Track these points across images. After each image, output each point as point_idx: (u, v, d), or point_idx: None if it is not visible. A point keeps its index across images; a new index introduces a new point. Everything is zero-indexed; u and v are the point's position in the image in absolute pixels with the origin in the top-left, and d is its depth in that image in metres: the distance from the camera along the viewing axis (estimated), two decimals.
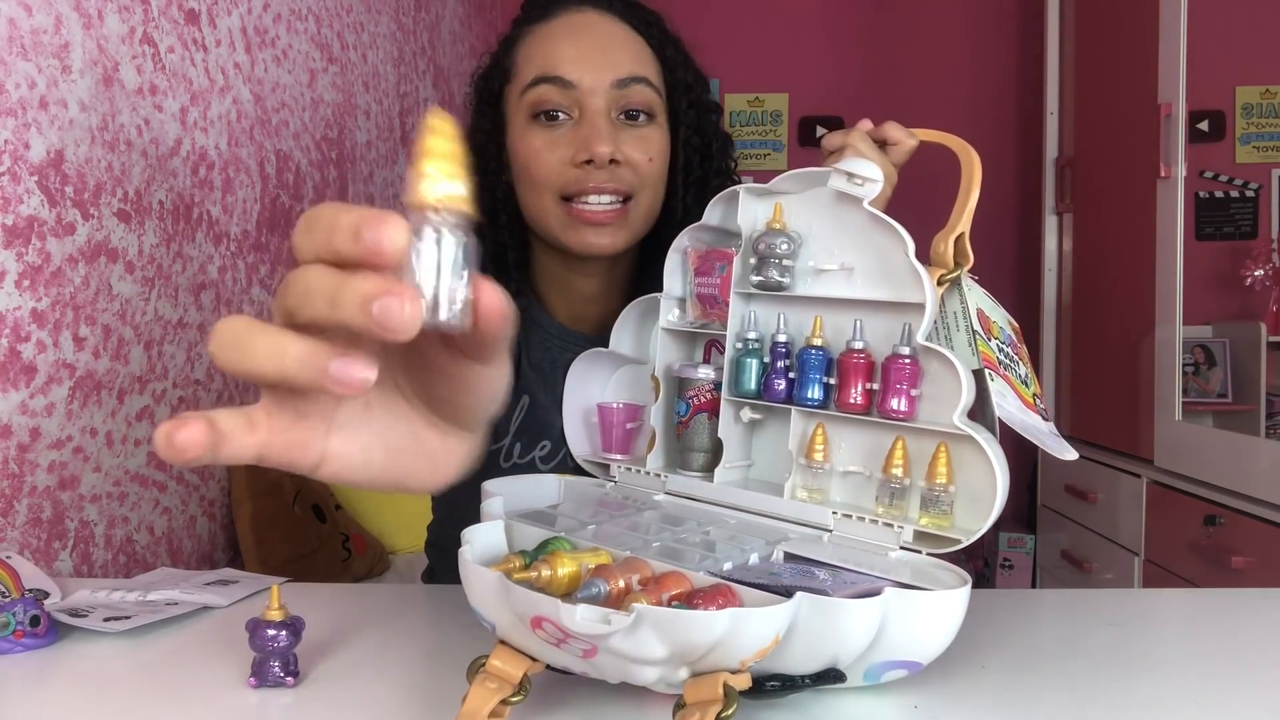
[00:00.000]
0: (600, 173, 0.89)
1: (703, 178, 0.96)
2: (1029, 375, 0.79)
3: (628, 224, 0.92)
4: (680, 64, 0.95)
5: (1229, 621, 0.86)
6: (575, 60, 0.89)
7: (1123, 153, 2.37)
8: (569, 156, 0.89)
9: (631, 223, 0.92)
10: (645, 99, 0.91)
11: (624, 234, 0.92)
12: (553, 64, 0.90)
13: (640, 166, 0.90)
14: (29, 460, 1.09)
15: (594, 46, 0.90)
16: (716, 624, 0.53)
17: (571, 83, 0.89)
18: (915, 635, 0.62)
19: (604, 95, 0.89)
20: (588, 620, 0.54)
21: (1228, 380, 2.27)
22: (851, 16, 3.37)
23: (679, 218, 0.93)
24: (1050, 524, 2.81)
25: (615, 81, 0.89)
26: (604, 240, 0.91)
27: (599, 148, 0.87)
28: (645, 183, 0.91)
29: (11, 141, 1.04)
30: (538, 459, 0.99)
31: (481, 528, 0.72)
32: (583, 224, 0.90)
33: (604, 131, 0.88)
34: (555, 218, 0.92)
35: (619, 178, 0.89)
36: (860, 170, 0.75)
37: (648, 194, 0.92)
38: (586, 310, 1.01)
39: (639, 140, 0.91)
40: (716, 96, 1.05)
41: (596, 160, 0.88)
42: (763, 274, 0.79)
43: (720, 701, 0.53)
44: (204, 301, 1.46)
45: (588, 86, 0.89)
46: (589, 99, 0.89)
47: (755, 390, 0.79)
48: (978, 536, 0.69)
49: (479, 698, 0.58)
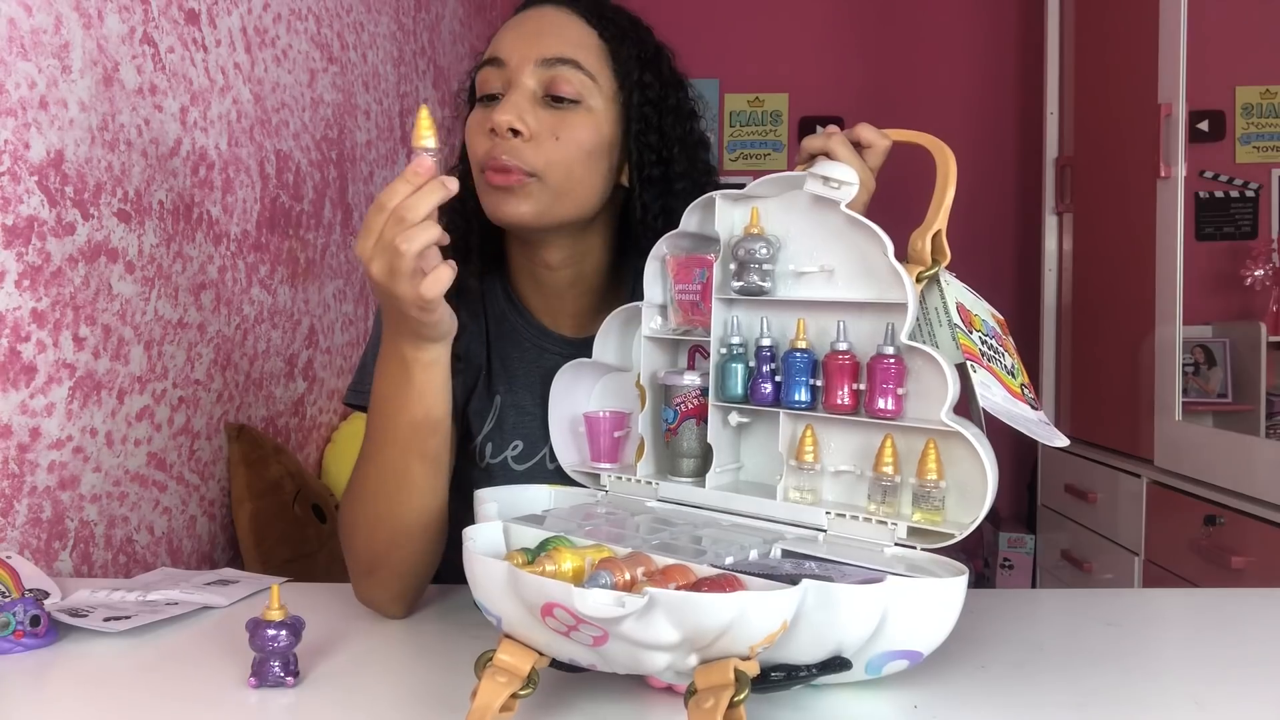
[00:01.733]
0: (503, 143, 0.90)
1: (664, 179, 0.96)
2: (1016, 366, 0.79)
3: (533, 197, 0.91)
4: (637, 61, 0.95)
5: (1229, 621, 0.86)
6: (510, 42, 0.93)
7: (1123, 153, 2.37)
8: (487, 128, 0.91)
9: (538, 196, 0.91)
10: (573, 84, 0.91)
11: (530, 205, 0.91)
12: (495, 48, 0.94)
13: (546, 144, 0.90)
14: (29, 460, 1.09)
15: (531, 29, 0.93)
16: (728, 607, 0.53)
17: (503, 61, 0.92)
18: (916, 624, 0.62)
19: (530, 73, 0.91)
20: (601, 603, 0.54)
21: (1228, 380, 2.27)
22: (851, 16, 3.37)
23: (639, 217, 0.96)
24: (1050, 524, 2.81)
25: (540, 59, 0.91)
26: (512, 205, 0.91)
27: (499, 116, 0.89)
28: (553, 164, 0.90)
29: (11, 141, 1.04)
30: (510, 459, 0.99)
31: (481, 528, 0.72)
32: (491, 189, 0.91)
33: (510, 102, 0.90)
34: (480, 191, 0.94)
35: (518, 150, 0.89)
36: (835, 173, 0.75)
37: (558, 174, 0.91)
38: (562, 306, 1.02)
39: (555, 120, 0.91)
40: (716, 96, 1.05)
41: (497, 129, 0.89)
42: (743, 279, 0.79)
43: (732, 686, 0.54)
44: (204, 301, 1.46)
45: (515, 63, 0.92)
46: (516, 75, 0.91)
47: (742, 395, 0.80)
48: (971, 530, 0.69)
49: (489, 692, 0.58)
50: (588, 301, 1.02)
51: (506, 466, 0.99)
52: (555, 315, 1.03)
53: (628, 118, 0.95)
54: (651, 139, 0.96)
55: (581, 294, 1.01)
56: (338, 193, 2.03)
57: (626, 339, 0.92)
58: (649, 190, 0.95)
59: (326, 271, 1.97)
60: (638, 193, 0.96)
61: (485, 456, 1.00)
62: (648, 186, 0.95)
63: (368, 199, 2.20)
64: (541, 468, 0.99)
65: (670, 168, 0.97)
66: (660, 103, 0.97)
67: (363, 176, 2.17)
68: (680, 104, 0.99)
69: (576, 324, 1.02)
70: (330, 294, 1.99)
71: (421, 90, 2.58)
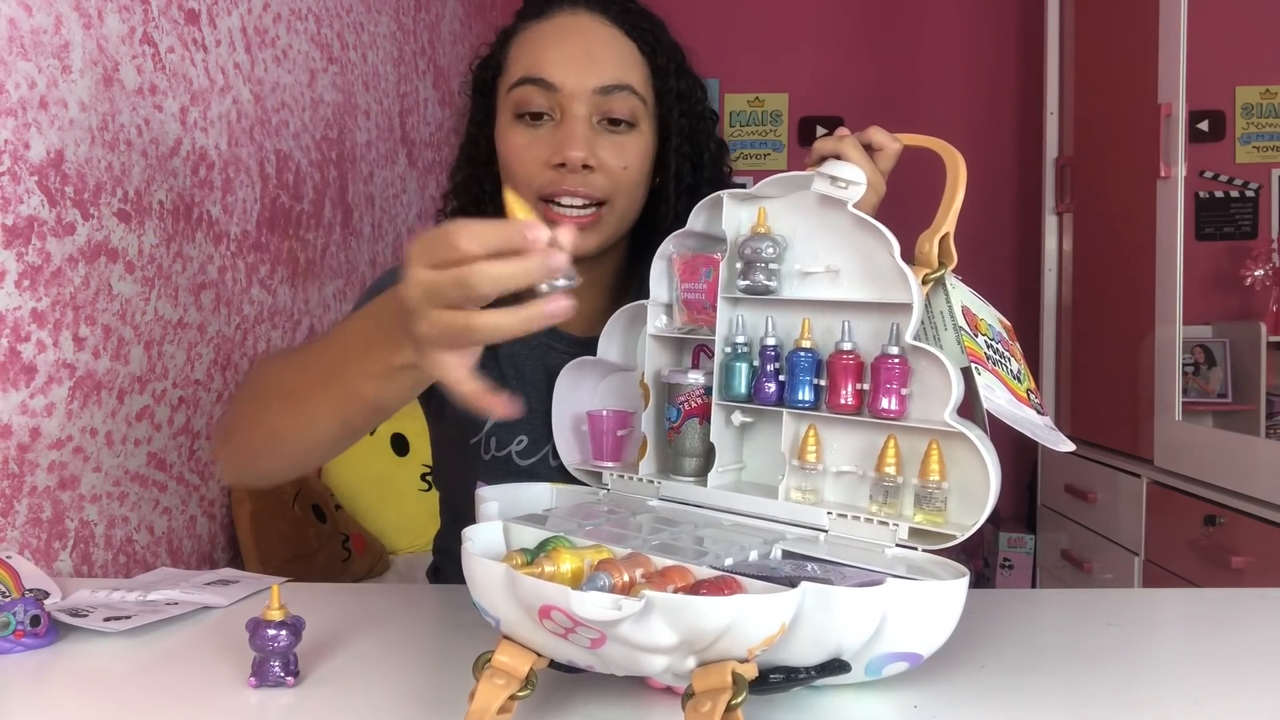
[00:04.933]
0: (574, 176, 0.90)
1: (694, 185, 0.97)
2: (1022, 371, 0.79)
3: (600, 228, 0.93)
4: (673, 71, 0.95)
5: (1229, 621, 0.86)
6: (559, 63, 0.90)
7: (1123, 153, 2.37)
8: (546, 157, 0.90)
9: (604, 227, 0.93)
10: (628, 107, 0.91)
11: (595, 237, 0.93)
12: (538, 65, 0.91)
13: (615, 173, 0.91)
14: (29, 460, 1.09)
15: (580, 50, 0.91)
16: (726, 610, 0.53)
17: (554, 85, 0.90)
18: (916, 626, 0.62)
19: (585, 100, 0.90)
20: (598, 606, 0.54)
21: (1228, 380, 2.27)
22: (851, 17, 3.37)
23: (669, 223, 0.94)
24: (1050, 524, 2.81)
25: (598, 88, 0.90)
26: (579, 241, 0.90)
27: (573, 152, 0.88)
28: (620, 189, 0.92)
29: (11, 141, 1.04)
30: (514, 453, 1.00)
31: (481, 528, 0.72)
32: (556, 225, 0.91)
33: (580, 136, 0.89)
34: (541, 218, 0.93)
35: (591, 183, 0.90)
36: (843, 173, 0.75)
37: (623, 199, 0.93)
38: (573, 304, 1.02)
39: (616, 147, 0.91)
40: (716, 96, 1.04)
41: (569, 165, 0.89)
42: (749, 278, 0.79)
43: (730, 690, 0.54)
44: (204, 301, 1.46)
45: (570, 90, 0.90)
46: (570, 102, 0.90)
47: (746, 394, 0.80)
48: (973, 531, 0.69)
49: (487, 694, 0.58)
50: (601, 301, 1.02)
51: (510, 461, 1.00)
52: None
53: (666, 129, 0.96)
54: (686, 149, 0.96)
55: (596, 294, 1.02)
56: (338, 193, 2.03)
57: (631, 338, 0.92)
58: (682, 199, 0.96)
59: (326, 271, 1.97)
60: (672, 201, 0.96)
61: (490, 449, 1.01)
62: (682, 195, 0.96)
63: (368, 199, 2.21)
64: (545, 464, 0.99)
65: (700, 173, 0.98)
66: (692, 111, 0.97)
67: (363, 176, 2.17)
68: (705, 108, 1.00)
69: (586, 323, 1.02)
70: (330, 294, 1.99)
71: (421, 90, 2.58)
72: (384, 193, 2.32)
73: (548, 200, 0.91)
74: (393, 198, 2.39)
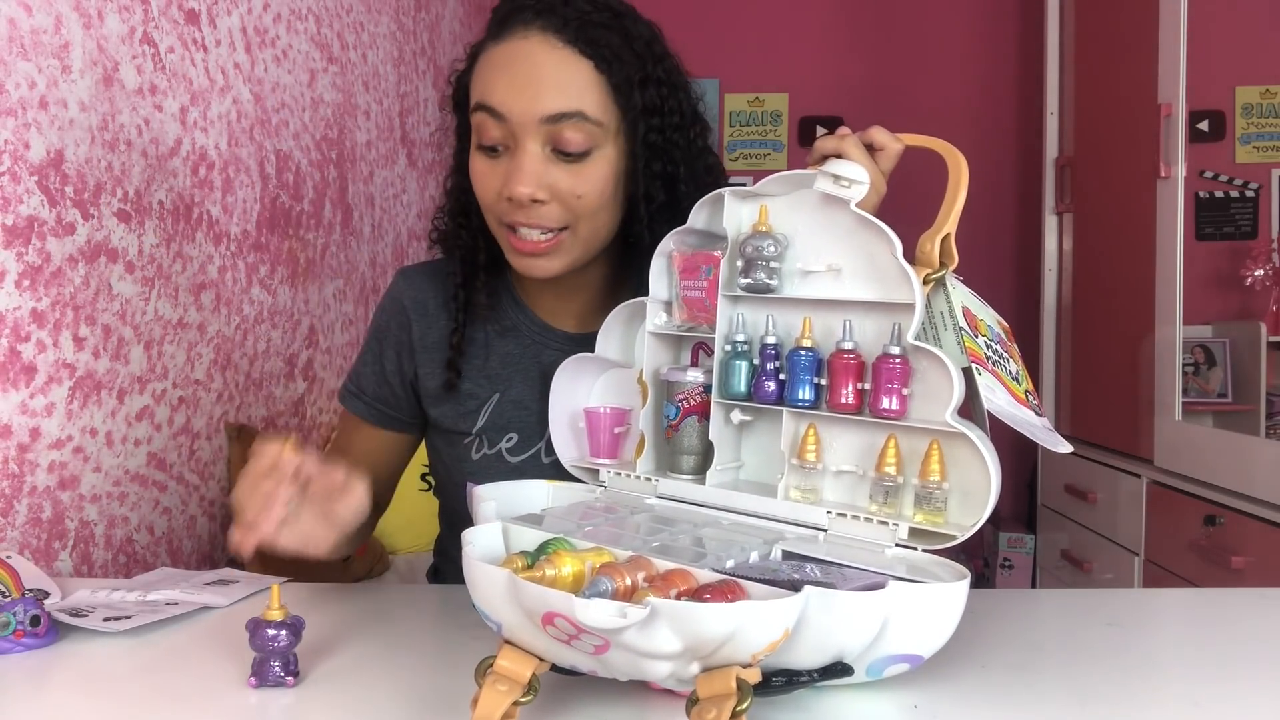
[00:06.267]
0: (524, 210, 0.89)
1: (670, 203, 0.94)
2: (1020, 372, 0.79)
3: (564, 251, 0.92)
4: (637, 85, 0.90)
5: (1229, 621, 0.86)
6: (508, 92, 0.88)
7: (1123, 153, 2.37)
8: (500, 186, 0.90)
9: (569, 249, 0.92)
10: (580, 135, 0.88)
11: (562, 259, 0.93)
12: (489, 92, 0.89)
13: (569, 202, 0.89)
14: (29, 460, 1.09)
15: (526, 78, 0.88)
16: (731, 617, 0.53)
17: (503, 115, 0.88)
18: (918, 629, 0.62)
19: (533, 130, 0.87)
20: (603, 614, 0.54)
21: (1228, 380, 2.27)
22: (851, 16, 3.37)
23: (647, 242, 0.90)
24: (1050, 524, 2.81)
25: (544, 117, 0.87)
26: (542, 265, 0.92)
27: (519, 188, 0.88)
28: (579, 216, 0.91)
29: (11, 141, 1.04)
30: (504, 450, 1.00)
31: (480, 530, 0.72)
32: (519, 253, 0.92)
33: (526, 171, 0.88)
34: (502, 242, 0.94)
35: (544, 215, 0.90)
36: (846, 172, 0.75)
37: (585, 224, 0.91)
38: (565, 304, 1.03)
39: (571, 175, 0.89)
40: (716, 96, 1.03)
41: (515, 200, 0.88)
42: (750, 276, 0.79)
43: (735, 696, 0.53)
44: (204, 301, 1.46)
45: (517, 119, 0.87)
46: (520, 132, 0.88)
47: (745, 392, 0.80)
48: (972, 532, 0.69)
49: (491, 701, 0.57)
50: (591, 299, 1.03)
51: (501, 458, 1.00)
52: (557, 312, 1.03)
53: (633, 144, 0.92)
54: (657, 167, 0.93)
55: (587, 294, 1.03)
56: (338, 193, 2.03)
57: (629, 335, 0.92)
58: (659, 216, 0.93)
59: (326, 271, 1.97)
60: (645, 222, 0.93)
61: (481, 448, 1.02)
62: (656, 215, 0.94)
63: (368, 199, 2.21)
64: (536, 461, 0.99)
65: (676, 186, 0.94)
66: (663, 121, 0.93)
67: (363, 176, 2.17)
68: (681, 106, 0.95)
69: (579, 321, 1.03)
70: (330, 294, 1.99)
71: (421, 90, 2.58)
72: (384, 193, 2.32)
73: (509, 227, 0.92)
74: (393, 198, 2.39)
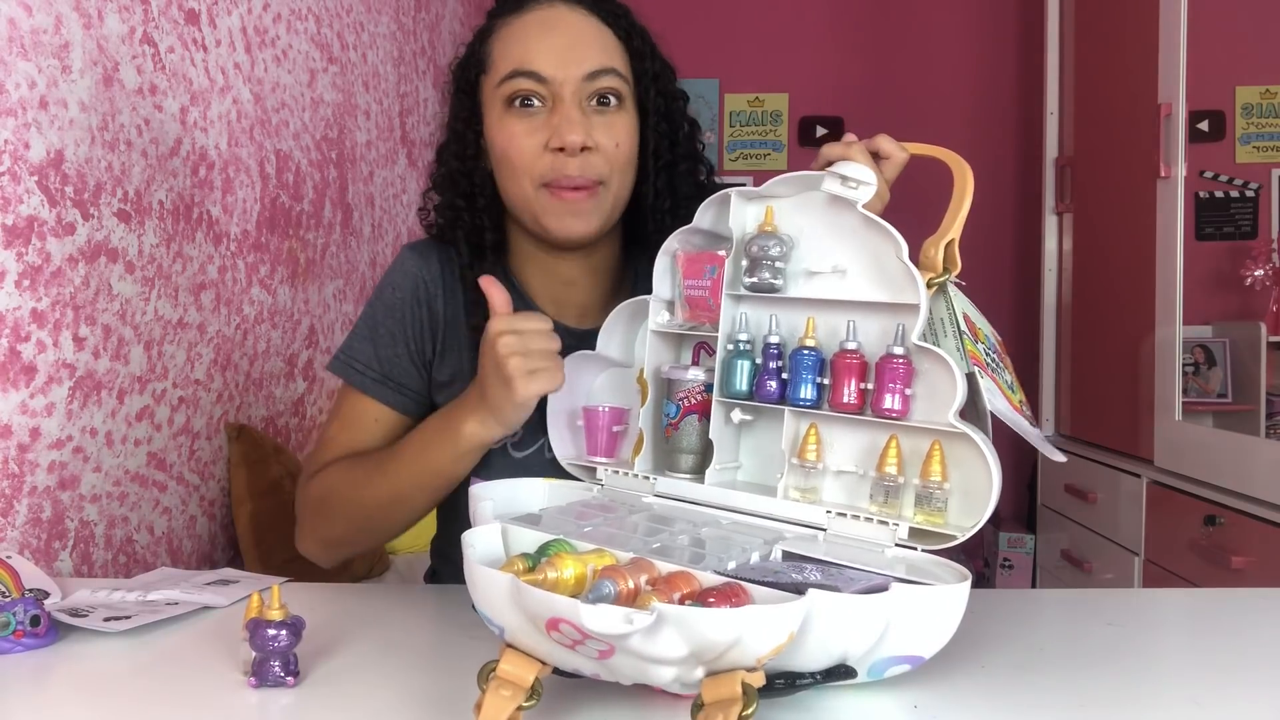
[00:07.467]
0: (573, 161, 0.93)
1: (671, 162, 1.01)
2: (1014, 383, 0.80)
3: (599, 208, 0.96)
4: (647, 54, 0.99)
5: (1229, 621, 0.86)
6: (548, 54, 0.94)
7: (1123, 153, 2.37)
8: (544, 141, 0.93)
9: (603, 206, 0.96)
10: (614, 86, 0.95)
11: (597, 218, 0.96)
12: (528, 58, 0.94)
13: (609, 152, 0.95)
14: (29, 460, 1.09)
15: (565, 42, 0.94)
16: (736, 623, 0.53)
17: (545, 77, 0.93)
18: (920, 630, 0.62)
19: (575, 87, 0.94)
20: (609, 621, 0.54)
21: (1228, 380, 2.27)
22: (852, 17, 3.37)
23: (650, 201, 0.99)
24: (1050, 524, 2.81)
25: (586, 74, 0.94)
26: (581, 224, 0.95)
27: (571, 136, 0.92)
28: (614, 167, 0.95)
29: (11, 141, 1.04)
30: (509, 445, 1.00)
31: (480, 531, 0.71)
32: (561, 206, 0.95)
33: (575, 120, 0.93)
34: (536, 203, 0.96)
35: (590, 165, 0.94)
36: (854, 173, 0.75)
37: (617, 178, 0.96)
38: (569, 295, 1.04)
39: (607, 126, 0.95)
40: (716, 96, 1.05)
41: (568, 149, 0.92)
42: (755, 276, 0.79)
43: (740, 700, 0.53)
44: (204, 301, 1.46)
45: (560, 80, 0.93)
46: (561, 89, 0.93)
47: (746, 391, 0.80)
48: (973, 533, 0.69)
49: (494, 706, 0.57)
50: (597, 292, 1.03)
51: (505, 453, 1.00)
52: (561, 305, 1.03)
53: (644, 109, 0.99)
54: (664, 127, 1.00)
55: (592, 284, 1.03)
56: (338, 193, 2.03)
57: (631, 334, 0.92)
58: (661, 175, 1.00)
59: (326, 271, 1.97)
60: (651, 179, 0.99)
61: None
62: (660, 172, 1.00)
63: (368, 199, 2.21)
64: (539, 456, 0.99)
65: (676, 149, 1.01)
66: (666, 91, 1.01)
67: (363, 176, 2.17)
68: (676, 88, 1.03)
69: (583, 314, 1.03)
70: (330, 294, 1.99)
71: (421, 90, 2.58)
72: (384, 193, 2.32)
73: (547, 186, 0.94)
74: (393, 198, 2.39)
